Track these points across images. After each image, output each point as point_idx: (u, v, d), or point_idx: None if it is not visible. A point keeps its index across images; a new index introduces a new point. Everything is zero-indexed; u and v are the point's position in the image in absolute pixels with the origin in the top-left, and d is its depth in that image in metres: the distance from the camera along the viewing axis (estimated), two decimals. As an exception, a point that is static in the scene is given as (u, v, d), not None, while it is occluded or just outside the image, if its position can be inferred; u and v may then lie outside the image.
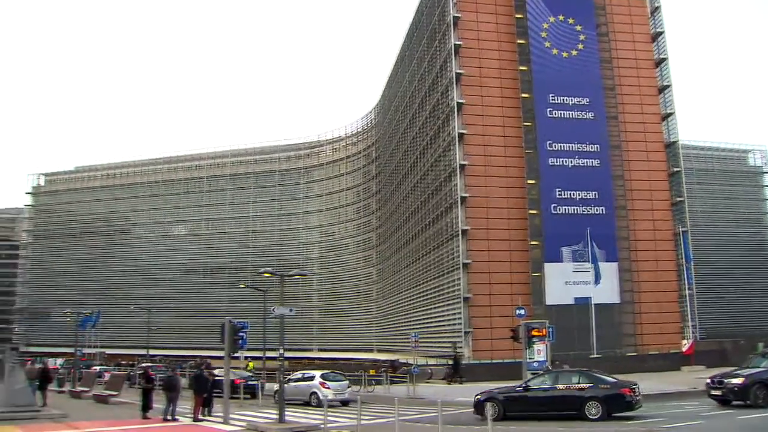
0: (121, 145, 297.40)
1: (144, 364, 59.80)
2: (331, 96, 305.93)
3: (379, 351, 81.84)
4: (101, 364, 70.75)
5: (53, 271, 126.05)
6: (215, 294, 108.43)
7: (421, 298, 66.20)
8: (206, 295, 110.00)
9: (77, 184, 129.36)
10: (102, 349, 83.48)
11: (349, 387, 32.52)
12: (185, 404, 25.52)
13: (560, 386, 22.33)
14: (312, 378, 32.19)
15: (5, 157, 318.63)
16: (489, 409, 19.15)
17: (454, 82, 56.90)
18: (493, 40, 59.11)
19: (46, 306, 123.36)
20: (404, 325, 71.43)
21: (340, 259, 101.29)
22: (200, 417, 23.30)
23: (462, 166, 55.32)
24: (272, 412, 23.83)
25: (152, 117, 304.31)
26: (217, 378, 26.02)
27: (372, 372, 48.64)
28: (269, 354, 50.92)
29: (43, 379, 30.17)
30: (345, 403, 30.50)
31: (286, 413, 22.25)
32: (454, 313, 55.48)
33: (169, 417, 23.32)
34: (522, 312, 37.66)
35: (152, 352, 78.27)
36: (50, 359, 72.93)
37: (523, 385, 23.39)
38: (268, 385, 37.69)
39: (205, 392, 24.34)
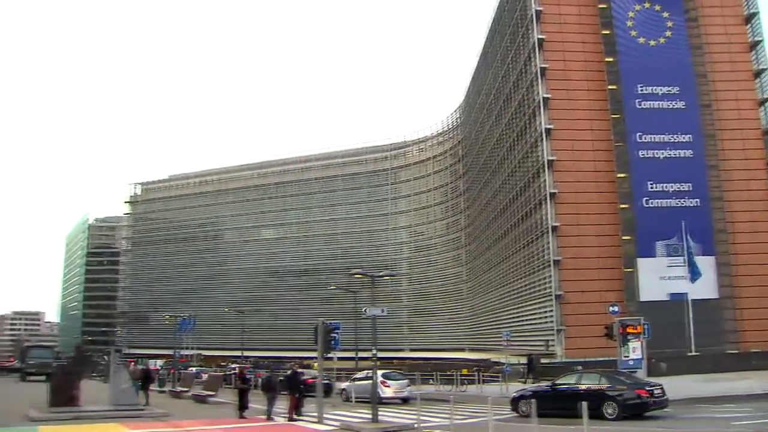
0: (212, 153, 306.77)
1: (233, 365, 61.40)
2: (416, 97, 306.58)
3: (471, 350, 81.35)
4: (202, 365, 72.99)
5: (151, 276, 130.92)
6: (306, 296, 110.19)
7: (512, 297, 65.47)
8: (297, 297, 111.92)
9: (171, 192, 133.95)
10: (199, 351, 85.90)
11: (408, 385, 33.95)
12: (280, 404, 25.99)
13: (582, 386, 23.15)
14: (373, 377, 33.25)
15: (107, 169, 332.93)
16: (522, 405, 23.26)
17: (539, 77, 56.09)
18: (577, 32, 57.92)
19: (145, 309, 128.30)
20: (495, 324, 70.79)
21: (429, 259, 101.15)
22: (294, 417, 23.70)
23: (550, 162, 54.43)
24: (365, 412, 24.01)
25: (242, 124, 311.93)
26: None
27: (464, 371, 48.49)
28: (361, 354, 51.37)
29: (145, 380, 31.22)
30: (405, 400, 31.74)
31: (372, 413, 22.34)
32: (546, 311, 54.70)
33: (274, 417, 23.89)
34: (615, 309, 36.70)
35: (246, 353, 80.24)
36: (151, 361, 75.52)
37: (551, 384, 24.64)
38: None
39: (299, 392, 24.74)
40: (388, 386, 32.23)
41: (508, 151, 66.61)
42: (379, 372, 33.76)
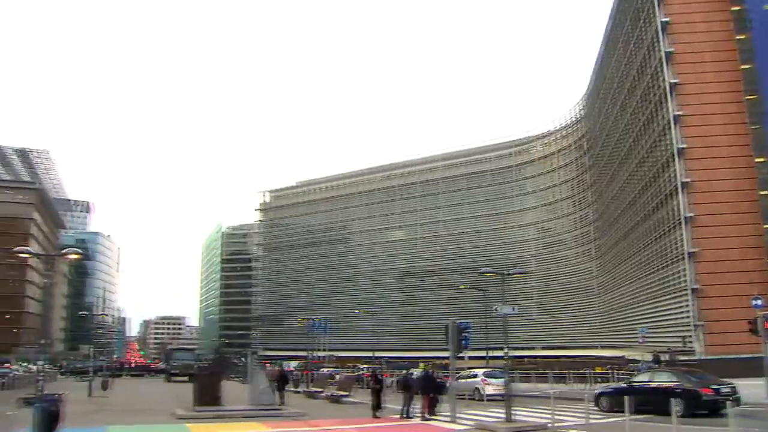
0: (337, 159, 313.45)
1: (363, 366, 62.24)
2: (537, 91, 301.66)
3: (603, 348, 79.03)
4: (336, 366, 74.51)
5: (283, 280, 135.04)
6: (434, 296, 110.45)
7: (645, 292, 63.09)
8: (425, 297, 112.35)
9: (299, 198, 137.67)
10: (331, 353, 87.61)
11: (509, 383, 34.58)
12: (416, 404, 26.16)
13: (654, 384, 23.85)
14: (476, 376, 35.47)
15: (239, 179, 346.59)
16: (603, 401, 25.00)
17: (665, 62, 53.94)
18: (704, 11, 55.29)
19: (278, 313, 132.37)
20: (628, 321, 68.61)
21: (558, 255, 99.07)
22: (428, 416, 23.82)
23: (681, 150, 52.23)
24: (498, 411, 23.84)
25: (367, 128, 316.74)
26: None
27: (598, 369, 47.29)
28: (492, 353, 51.01)
29: (281, 381, 32.22)
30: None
31: (506, 412, 22.13)
32: (682, 306, 52.38)
33: (410, 416, 24.15)
34: (759, 302, 34.53)
35: (377, 354, 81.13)
36: (285, 362, 77.70)
37: (629, 382, 26.03)
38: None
39: (433, 392, 24.83)
40: (489, 384, 33.91)
41: (636, 140, 64.30)
42: (482, 371, 36.33)
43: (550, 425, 20.02)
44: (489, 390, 33.15)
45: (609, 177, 77.11)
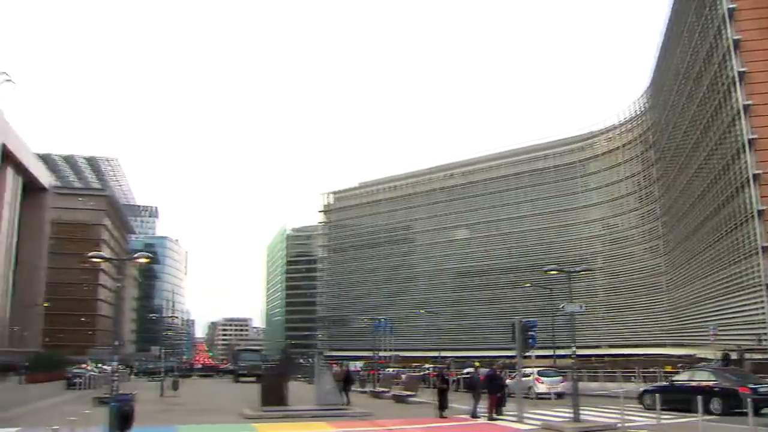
0: (399, 159, 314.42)
1: (427, 366, 62.02)
2: (598, 85, 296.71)
3: (672, 346, 77.14)
4: (401, 366, 74.60)
5: (347, 281, 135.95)
6: (498, 294, 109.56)
7: (716, 288, 61.14)
8: (490, 296, 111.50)
9: (362, 199, 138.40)
10: (396, 352, 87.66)
11: (562, 382, 35.59)
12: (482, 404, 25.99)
13: (693, 383, 24.60)
14: (530, 374, 35.70)
15: (302, 181, 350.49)
16: (646, 399, 25.59)
17: (732, 51, 52.23)
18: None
19: (342, 313, 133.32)
20: (698, 318, 66.81)
21: (624, 252, 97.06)
22: (494, 416, 23.64)
23: (751, 141, 50.52)
24: (566, 411, 23.48)
25: (427, 127, 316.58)
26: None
27: (667, 368, 46.19)
28: (559, 352, 50.39)
29: (347, 381, 32.41)
30: (559, 396, 33.14)
31: (573, 411, 21.79)
32: (756, 303, 50.61)
33: (476, 414, 24.03)
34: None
35: (442, 354, 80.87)
36: (351, 362, 78.15)
37: (671, 381, 27.32)
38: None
39: (499, 391, 24.63)
40: (542, 382, 35.04)
41: (704, 132, 62.40)
42: (536, 369, 37.07)
43: (619, 425, 19.64)
44: (541, 388, 34.25)
45: (676, 170, 75.12)
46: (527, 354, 32.40)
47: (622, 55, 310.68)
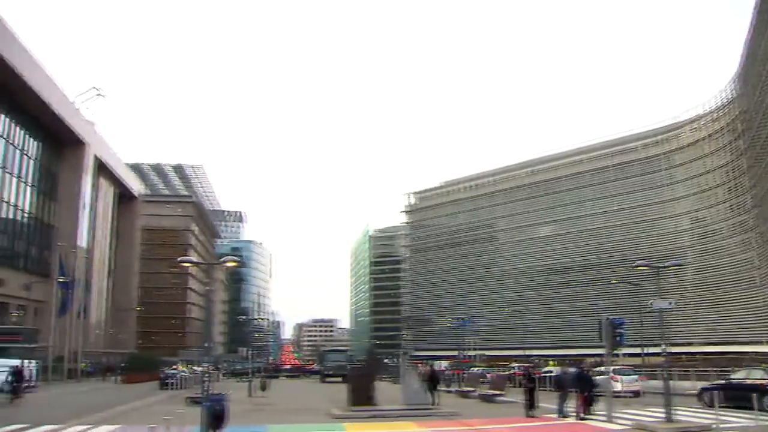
0: (481, 157, 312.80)
1: (513, 365, 61.42)
2: (682, 75, 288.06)
3: (768, 343, 74.18)
4: (487, 365, 74.18)
5: (430, 280, 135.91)
6: (584, 291, 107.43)
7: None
8: (575, 293, 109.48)
9: (444, 198, 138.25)
10: (481, 351, 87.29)
11: (638, 380, 36.30)
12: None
13: (749, 381, 25.42)
14: (606, 373, 34.14)
15: (386, 182, 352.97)
16: (705, 397, 27.12)
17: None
18: None
19: (426, 313, 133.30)
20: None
21: (714, 246, 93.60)
22: (584, 415, 23.32)
23: None
24: (657, 411, 22.95)
25: (507, 125, 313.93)
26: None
27: (765, 366, 44.50)
28: (648, 350, 49.23)
29: (432, 380, 32.44)
30: (636, 394, 34.27)
31: (666, 411, 21.25)
32: None
33: (565, 414, 23.79)
34: None
35: (527, 352, 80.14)
36: (436, 362, 78.17)
37: (728, 379, 28.14)
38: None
39: (588, 390, 24.27)
40: (617, 381, 34.50)
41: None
42: (611, 368, 35.39)
43: (714, 426, 19.08)
44: (617, 387, 33.50)
45: (768, 160, 72.12)
46: (615, 352, 31.95)
47: (705, 44, 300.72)
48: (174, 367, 58.48)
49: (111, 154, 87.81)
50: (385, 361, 65.02)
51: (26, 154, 67.03)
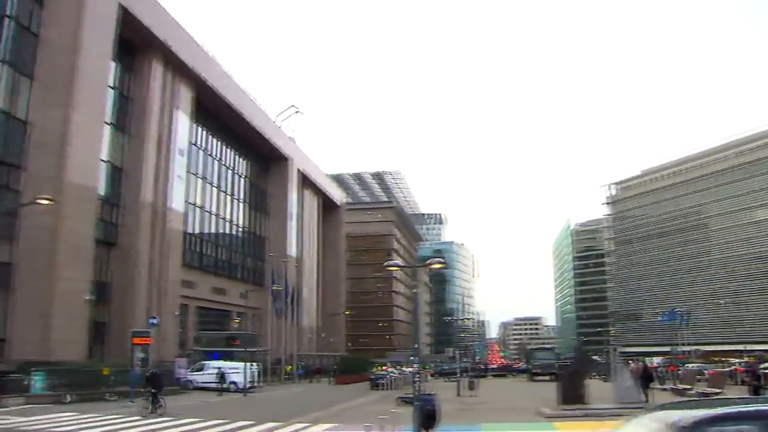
0: (682, 141, 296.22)
1: (733, 361, 57.51)
2: None
3: None
4: (704, 361, 70.06)
5: (636, 273, 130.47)
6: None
7: None
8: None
9: (646, 187, 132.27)
10: (696, 347, 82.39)
11: None
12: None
13: None
14: None
15: (584, 175, 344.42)
16: None
17: None
18: None
19: (633, 307, 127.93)
20: None
21: None
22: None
23: None
24: None
25: (707, 106, 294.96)
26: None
27: None
28: None
29: (645, 378, 31.18)
30: None
31: None
32: None
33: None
34: None
35: (749, 347, 74.75)
36: (647, 358, 74.85)
37: None
38: None
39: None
40: None
41: None
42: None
43: None
44: None
45: None
46: None
47: None
48: (384, 368, 60.40)
49: (313, 166, 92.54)
50: (594, 358, 63.19)
51: (237, 173, 72.74)
